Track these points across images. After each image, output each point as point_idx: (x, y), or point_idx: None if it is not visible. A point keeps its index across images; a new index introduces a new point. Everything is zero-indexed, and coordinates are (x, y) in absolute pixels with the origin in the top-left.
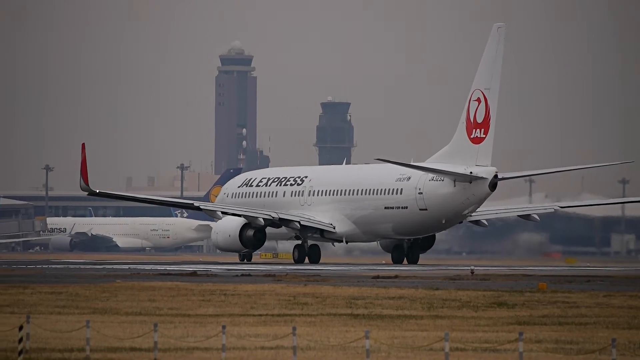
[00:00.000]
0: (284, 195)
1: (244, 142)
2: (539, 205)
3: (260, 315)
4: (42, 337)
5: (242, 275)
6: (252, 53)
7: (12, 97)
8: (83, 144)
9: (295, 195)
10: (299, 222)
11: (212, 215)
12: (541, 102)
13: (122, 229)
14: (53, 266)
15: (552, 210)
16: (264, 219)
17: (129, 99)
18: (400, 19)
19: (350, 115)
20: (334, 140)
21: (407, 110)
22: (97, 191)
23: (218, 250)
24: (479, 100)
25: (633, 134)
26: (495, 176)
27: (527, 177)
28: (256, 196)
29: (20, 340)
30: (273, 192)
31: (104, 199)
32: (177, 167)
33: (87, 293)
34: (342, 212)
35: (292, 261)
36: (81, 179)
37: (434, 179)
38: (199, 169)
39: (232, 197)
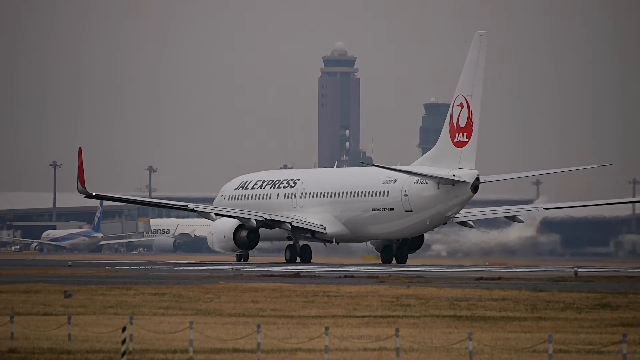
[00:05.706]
0: (277, 198)
1: (347, 143)
2: (523, 206)
3: (363, 316)
4: (145, 338)
5: (345, 276)
6: (355, 54)
7: (114, 101)
8: (80, 148)
9: (288, 198)
10: (290, 224)
11: (206, 217)
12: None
13: None
14: (156, 267)
15: (537, 210)
16: (256, 220)
17: (230, 100)
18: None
19: None
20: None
21: (526, 114)
22: (94, 194)
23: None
24: (461, 105)
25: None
26: (477, 179)
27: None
28: (251, 198)
29: (124, 341)
30: (267, 194)
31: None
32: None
33: (190, 294)
34: (332, 214)
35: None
36: (78, 182)
37: (419, 181)
38: None
39: (228, 199)
